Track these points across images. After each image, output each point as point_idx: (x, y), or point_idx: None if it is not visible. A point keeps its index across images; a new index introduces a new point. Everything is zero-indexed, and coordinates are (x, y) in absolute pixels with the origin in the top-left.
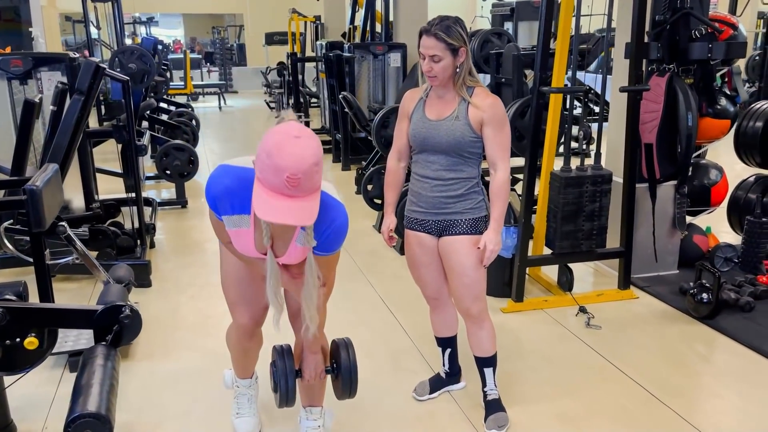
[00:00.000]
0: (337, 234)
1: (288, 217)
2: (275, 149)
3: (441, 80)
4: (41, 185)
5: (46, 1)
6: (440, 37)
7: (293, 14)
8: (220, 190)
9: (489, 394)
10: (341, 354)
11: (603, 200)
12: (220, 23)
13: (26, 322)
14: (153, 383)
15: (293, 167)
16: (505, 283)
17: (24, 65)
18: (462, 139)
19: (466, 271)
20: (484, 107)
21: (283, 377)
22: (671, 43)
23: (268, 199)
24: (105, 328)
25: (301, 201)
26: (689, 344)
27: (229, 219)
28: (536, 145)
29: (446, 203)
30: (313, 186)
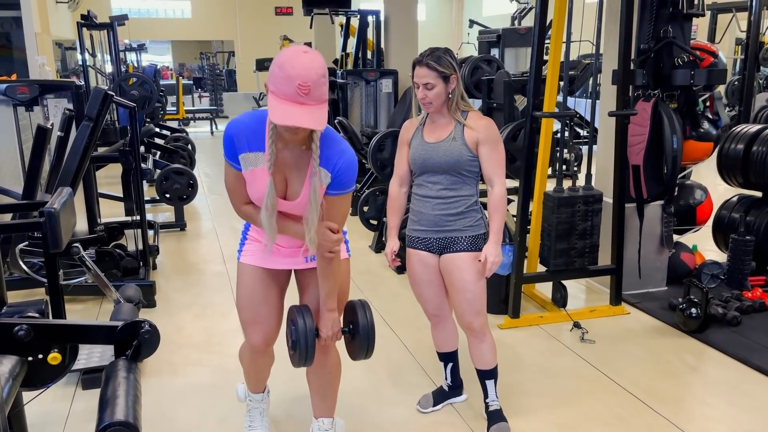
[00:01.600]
0: (348, 166)
1: (301, 120)
2: (287, 62)
3: (435, 106)
4: (58, 208)
5: (39, 28)
6: (432, 67)
7: (284, 41)
8: (239, 128)
9: (491, 405)
10: (358, 314)
11: (594, 219)
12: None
13: (50, 338)
14: (164, 399)
15: (303, 76)
16: (501, 300)
17: (30, 92)
18: (460, 158)
19: (468, 287)
20: (478, 128)
21: (303, 335)
22: (656, 70)
23: (282, 106)
24: (125, 343)
25: (311, 107)
26: (679, 356)
27: (245, 158)
28: (530, 166)
29: (447, 221)
30: (321, 95)
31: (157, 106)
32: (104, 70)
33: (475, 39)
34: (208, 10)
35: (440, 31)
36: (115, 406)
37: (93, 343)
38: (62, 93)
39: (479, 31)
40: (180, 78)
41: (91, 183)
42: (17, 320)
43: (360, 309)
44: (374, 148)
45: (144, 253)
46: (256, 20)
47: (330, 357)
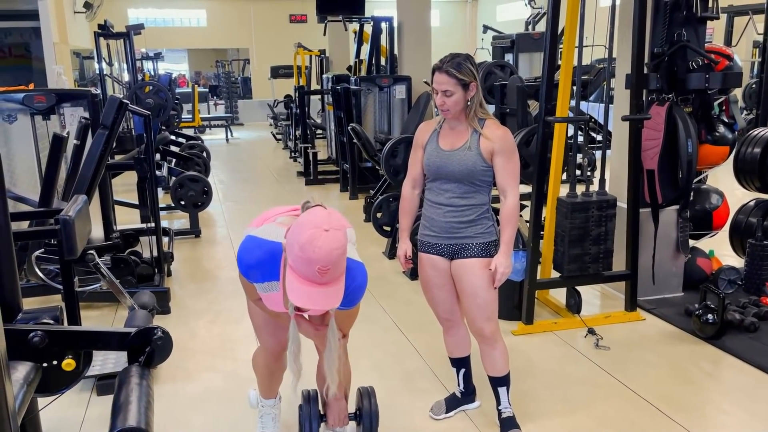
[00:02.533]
0: (357, 291)
1: (319, 302)
2: (308, 244)
3: (453, 113)
4: (74, 215)
5: (58, 38)
6: (451, 74)
7: (299, 48)
8: (253, 263)
9: (504, 412)
10: (363, 402)
11: (608, 224)
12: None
13: (64, 345)
14: (177, 404)
15: (324, 260)
16: (515, 306)
17: (47, 101)
18: (474, 168)
19: (478, 292)
20: (494, 138)
21: (307, 421)
22: (670, 74)
23: (301, 287)
24: (138, 349)
25: (329, 287)
26: (696, 363)
27: (260, 285)
28: (543, 172)
29: (458, 228)
30: (340, 272)
31: (172, 114)
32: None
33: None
34: (224, 19)
35: (454, 36)
36: (128, 412)
37: (106, 350)
38: (78, 102)
39: (493, 36)
40: (195, 86)
41: (107, 190)
42: (32, 327)
43: (366, 397)
44: (387, 154)
45: (158, 259)
46: (270, 28)
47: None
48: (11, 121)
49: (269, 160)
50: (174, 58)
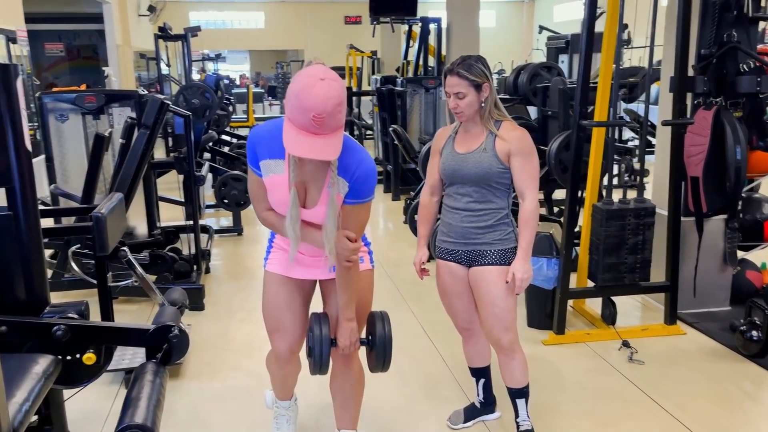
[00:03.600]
0: (366, 176)
1: (314, 151)
2: (303, 91)
3: (467, 115)
4: (106, 213)
5: (121, 40)
6: (463, 75)
7: (351, 50)
8: (260, 136)
9: (521, 425)
10: (377, 326)
11: (646, 233)
12: (284, 58)
13: (86, 339)
14: (201, 401)
15: (318, 107)
16: (546, 315)
17: (97, 101)
18: (489, 170)
19: (496, 301)
20: (510, 139)
21: (318, 343)
22: (718, 77)
23: (296, 136)
24: (156, 346)
25: (325, 138)
26: (736, 382)
27: (265, 164)
28: (577, 177)
29: (476, 234)
30: (336, 124)
31: (222, 114)
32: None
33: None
34: (281, 20)
35: (510, 37)
36: (137, 409)
37: (126, 345)
38: (126, 102)
39: (548, 37)
40: (250, 87)
41: (151, 188)
42: (56, 321)
43: (379, 321)
44: (424, 156)
45: (196, 256)
46: (325, 29)
47: (352, 370)
48: (63, 120)
49: None
50: (237, 59)
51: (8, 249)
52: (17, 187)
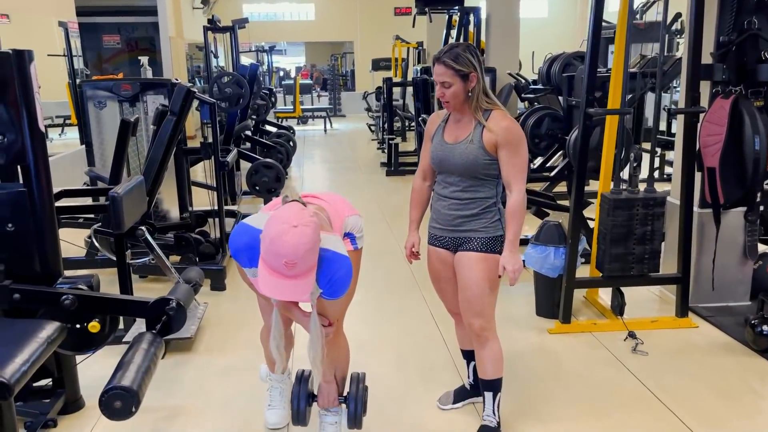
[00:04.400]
0: (337, 284)
1: (285, 294)
2: (276, 238)
3: (453, 105)
4: (122, 193)
5: (174, 32)
6: (448, 65)
7: (396, 41)
8: (240, 246)
9: (484, 420)
10: (352, 387)
11: (655, 224)
12: (339, 50)
13: (91, 309)
14: (207, 374)
15: (290, 254)
16: (554, 304)
17: (132, 89)
18: (475, 161)
19: (469, 285)
20: (498, 130)
21: (297, 400)
22: (738, 65)
23: (269, 278)
24: (155, 318)
25: (296, 281)
26: (741, 376)
27: (248, 270)
28: (583, 166)
29: (461, 221)
30: (307, 267)
31: (262, 103)
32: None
33: None
34: (331, 12)
35: (563, 28)
36: (126, 372)
37: (127, 315)
38: (160, 90)
39: None
40: (297, 78)
41: (183, 173)
42: (64, 290)
43: (354, 383)
44: None
45: (221, 239)
46: (375, 21)
47: (336, 347)
48: (101, 107)
49: (360, 151)
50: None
51: (23, 223)
52: (31, 165)
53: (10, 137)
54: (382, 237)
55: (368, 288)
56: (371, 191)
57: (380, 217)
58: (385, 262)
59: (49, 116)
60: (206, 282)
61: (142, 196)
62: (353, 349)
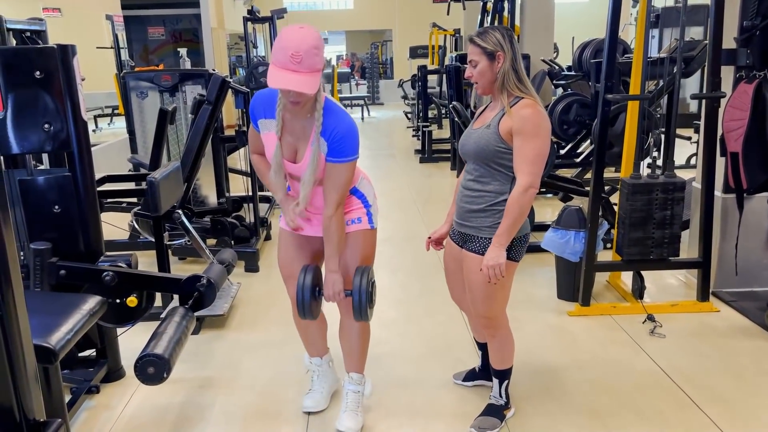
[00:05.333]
0: (343, 134)
1: (292, 84)
2: (283, 35)
3: (482, 85)
4: (159, 178)
5: (215, 23)
6: (476, 42)
7: (433, 28)
8: (258, 99)
9: (491, 399)
10: (355, 279)
11: (675, 208)
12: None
13: (129, 284)
14: (237, 349)
15: (295, 46)
16: (575, 288)
17: (172, 80)
18: (486, 147)
19: (474, 287)
20: (516, 118)
21: (300, 290)
22: (763, 49)
23: (277, 72)
24: (188, 294)
25: (302, 75)
26: (755, 359)
27: (262, 123)
28: (602, 151)
29: (468, 216)
30: (313, 65)
31: None
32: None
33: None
34: (370, 1)
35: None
36: (159, 342)
37: (162, 291)
38: (198, 80)
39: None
40: (335, 66)
41: (220, 161)
42: (106, 267)
43: (358, 274)
44: None
45: (255, 224)
46: (413, 8)
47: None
48: (143, 97)
49: (395, 138)
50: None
51: (68, 205)
52: (75, 151)
53: (56, 126)
54: (412, 222)
55: (395, 270)
56: (404, 177)
57: (411, 203)
58: (412, 246)
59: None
60: (240, 264)
61: (179, 181)
62: (378, 326)
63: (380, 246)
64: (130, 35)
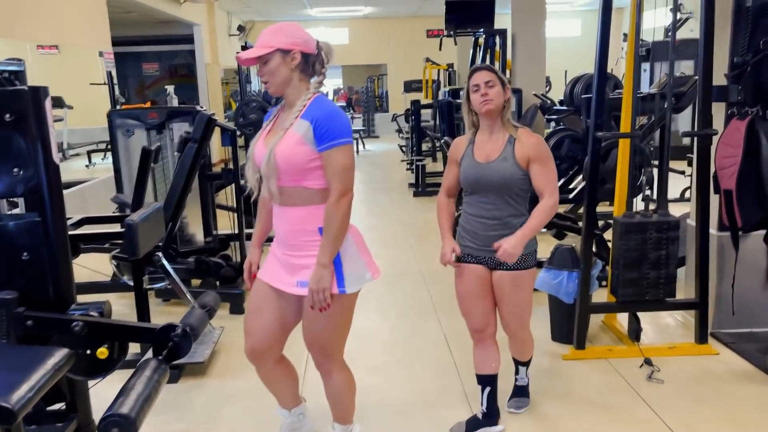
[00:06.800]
0: (328, 115)
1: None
2: None
3: (496, 105)
4: (138, 220)
5: (210, 59)
6: (491, 69)
7: (427, 63)
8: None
9: (518, 380)
10: None
11: (670, 248)
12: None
13: (101, 335)
14: (218, 399)
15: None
16: (570, 330)
17: (159, 117)
18: (512, 177)
19: (515, 302)
20: (528, 146)
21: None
22: (755, 86)
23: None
24: (162, 344)
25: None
26: (758, 405)
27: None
28: (594, 188)
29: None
30: (268, 41)
31: None
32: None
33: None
34: (364, 36)
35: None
36: (126, 399)
37: (135, 342)
38: (186, 117)
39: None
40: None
41: (207, 198)
42: (75, 317)
43: None
44: None
45: (242, 263)
46: (407, 43)
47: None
48: (129, 135)
49: (390, 172)
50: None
51: (38, 252)
52: (46, 195)
53: (26, 170)
54: (404, 259)
55: (387, 310)
56: (398, 211)
57: (404, 239)
58: (403, 285)
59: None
60: (225, 305)
61: (160, 222)
62: (366, 371)
63: (371, 284)
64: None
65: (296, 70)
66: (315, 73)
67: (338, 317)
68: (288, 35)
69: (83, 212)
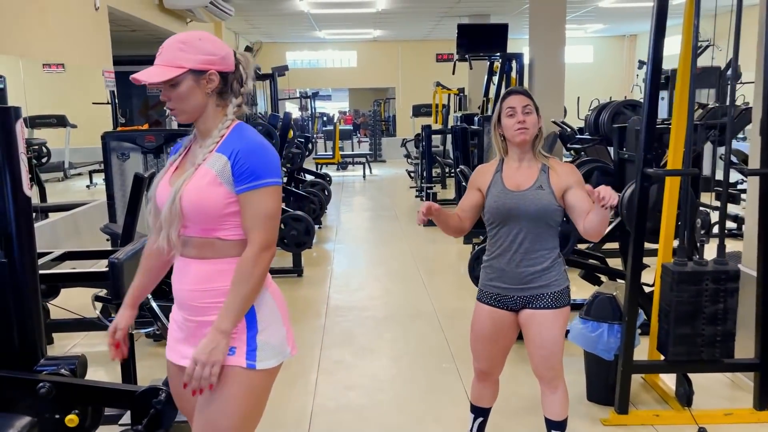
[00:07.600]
0: (251, 152)
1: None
2: None
3: (531, 134)
4: (122, 258)
5: None
6: (528, 95)
7: (437, 87)
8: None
9: None
10: None
11: (729, 301)
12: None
13: (71, 399)
14: None
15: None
16: (609, 389)
17: (156, 140)
18: (548, 206)
19: (545, 344)
20: (564, 174)
21: None
22: None
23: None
24: (142, 410)
25: (158, 67)
26: None
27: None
28: (642, 232)
29: (533, 278)
30: (172, 60)
31: (296, 152)
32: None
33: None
34: (373, 59)
35: (609, 73)
36: None
37: (111, 407)
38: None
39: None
40: (337, 124)
41: None
42: (41, 377)
43: None
44: None
45: None
46: (416, 67)
47: None
48: (124, 159)
49: (398, 198)
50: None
51: (3, 297)
52: (14, 234)
53: None
54: (416, 297)
55: (398, 358)
56: (407, 242)
57: (414, 274)
58: (417, 328)
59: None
60: None
61: None
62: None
63: (382, 327)
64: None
65: (213, 94)
66: (234, 95)
67: (245, 401)
68: (201, 51)
69: (76, 240)
